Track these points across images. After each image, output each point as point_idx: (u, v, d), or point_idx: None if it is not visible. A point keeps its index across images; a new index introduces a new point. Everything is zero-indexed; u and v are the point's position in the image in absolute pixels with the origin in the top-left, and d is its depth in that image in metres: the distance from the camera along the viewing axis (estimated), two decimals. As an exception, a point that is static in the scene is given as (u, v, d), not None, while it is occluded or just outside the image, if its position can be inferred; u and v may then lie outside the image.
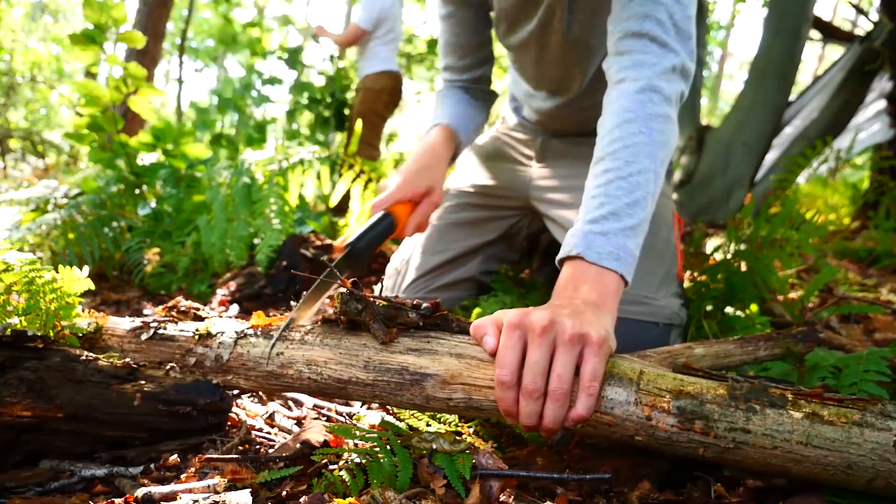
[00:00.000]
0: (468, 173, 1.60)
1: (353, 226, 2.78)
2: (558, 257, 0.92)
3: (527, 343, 0.75)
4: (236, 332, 0.92)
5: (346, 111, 5.40)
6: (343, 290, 0.85)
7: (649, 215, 0.95)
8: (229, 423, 0.96)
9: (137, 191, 2.37)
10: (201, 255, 2.09)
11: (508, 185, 1.54)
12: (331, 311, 0.90)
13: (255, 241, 2.08)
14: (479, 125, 1.49)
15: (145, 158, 2.45)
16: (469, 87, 1.49)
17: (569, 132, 1.50)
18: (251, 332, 0.92)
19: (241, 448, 0.91)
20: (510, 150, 1.59)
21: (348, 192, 2.39)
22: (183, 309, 1.02)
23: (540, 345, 0.74)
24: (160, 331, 0.95)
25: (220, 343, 0.92)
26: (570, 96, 1.40)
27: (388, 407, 1.09)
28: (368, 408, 1.12)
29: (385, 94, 4.40)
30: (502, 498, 0.78)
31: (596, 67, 1.33)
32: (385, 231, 1.16)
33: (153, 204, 2.34)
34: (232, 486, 0.77)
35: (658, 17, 1.01)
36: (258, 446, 0.94)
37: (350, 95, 5.43)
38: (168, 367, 0.91)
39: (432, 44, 7.37)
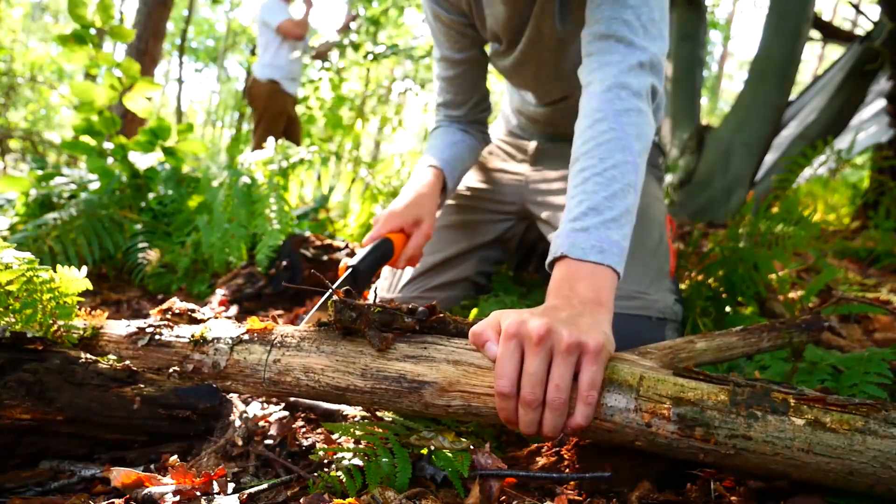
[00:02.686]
0: (465, 177, 1.61)
1: (352, 225, 2.78)
2: (547, 261, 0.93)
3: (524, 352, 0.75)
4: (232, 339, 0.91)
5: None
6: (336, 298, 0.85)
7: (633, 205, 0.95)
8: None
9: (138, 191, 2.36)
10: (201, 256, 2.09)
11: (504, 189, 1.56)
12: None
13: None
14: (468, 167, 1.51)
15: (144, 158, 2.44)
16: (466, 126, 1.51)
17: (564, 134, 1.51)
18: (247, 337, 0.91)
19: (239, 448, 0.90)
20: (505, 155, 1.62)
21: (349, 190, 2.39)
22: (178, 311, 1.01)
23: (537, 354, 0.73)
24: (156, 336, 0.94)
25: (216, 350, 0.91)
26: (567, 100, 1.41)
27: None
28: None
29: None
30: (502, 498, 0.78)
31: None
32: (385, 255, 1.19)
33: (153, 205, 2.33)
34: (228, 486, 0.77)
35: (625, 19, 1.02)
36: (258, 446, 0.93)
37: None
38: (168, 371, 0.90)
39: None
